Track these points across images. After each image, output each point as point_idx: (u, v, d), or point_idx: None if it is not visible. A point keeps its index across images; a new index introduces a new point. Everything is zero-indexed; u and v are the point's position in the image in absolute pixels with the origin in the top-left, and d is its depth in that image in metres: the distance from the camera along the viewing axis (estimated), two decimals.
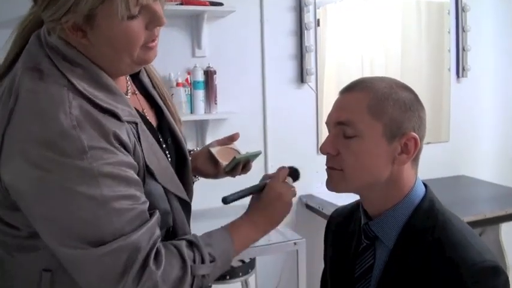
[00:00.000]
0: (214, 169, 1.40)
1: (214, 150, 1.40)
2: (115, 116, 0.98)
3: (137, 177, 0.99)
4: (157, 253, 0.96)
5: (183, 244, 1.01)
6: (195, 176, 1.43)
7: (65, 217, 0.91)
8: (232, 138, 1.42)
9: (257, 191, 1.21)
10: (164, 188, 1.08)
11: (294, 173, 1.25)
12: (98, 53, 1.00)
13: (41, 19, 1.00)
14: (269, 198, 1.18)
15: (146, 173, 1.03)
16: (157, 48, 1.07)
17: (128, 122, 1.01)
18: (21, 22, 1.07)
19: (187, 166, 1.27)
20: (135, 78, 1.22)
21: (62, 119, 0.89)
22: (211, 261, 1.03)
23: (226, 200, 1.19)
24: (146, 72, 1.26)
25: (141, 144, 1.03)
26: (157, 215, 1.00)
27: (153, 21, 1.00)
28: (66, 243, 0.92)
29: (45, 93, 0.93)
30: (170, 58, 2.75)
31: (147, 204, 0.99)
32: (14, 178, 0.93)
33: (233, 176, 1.40)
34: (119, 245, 0.91)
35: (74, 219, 0.91)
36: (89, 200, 0.90)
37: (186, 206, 1.18)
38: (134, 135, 1.02)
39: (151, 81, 1.27)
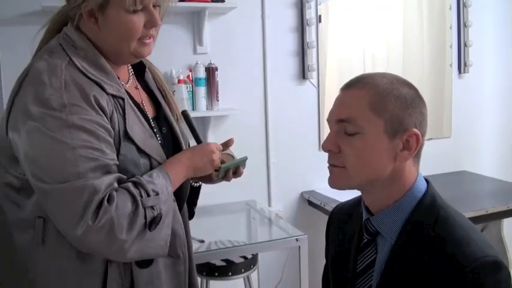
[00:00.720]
0: (209, 175, 1.48)
1: None
2: (100, 87, 1.19)
3: (109, 138, 1.17)
4: (110, 195, 1.12)
5: (129, 184, 1.16)
6: (197, 182, 1.56)
7: (40, 156, 1.10)
8: (227, 144, 1.52)
9: (196, 139, 1.45)
10: (146, 154, 1.25)
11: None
12: (103, 39, 1.23)
13: (64, 22, 1.27)
14: (198, 147, 1.38)
15: (124, 138, 1.21)
16: (152, 47, 1.29)
17: (114, 96, 1.22)
18: (51, 18, 1.31)
19: None
20: (141, 78, 1.44)
21: (52, 81, 1.12)
22: (156, 195, 1.17)
23: (184, 112, 1.48)
24: (152, 74, 1.48)
25: (124, 115, 1.23)
26: (119, 175, 1.17)
27: (150, 22, 1.24)
28: (38, 178, 1.10)
29: (47, 64, 1.15)
30: (172, 55, 2.75)
31: (114, 162, 1.16)
32: (16, 131, 1.14)
33: (228, 180, 1.50)
34: (80, 185, 1.08)
35: (47, 158, 1.10)
36: (61, 144, 1.09)
37: None
38: (117, 107, 1.22)
39: (156, 82, 1.47)
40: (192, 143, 1.48)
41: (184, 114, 1.48)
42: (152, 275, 1.25)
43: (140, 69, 1.43)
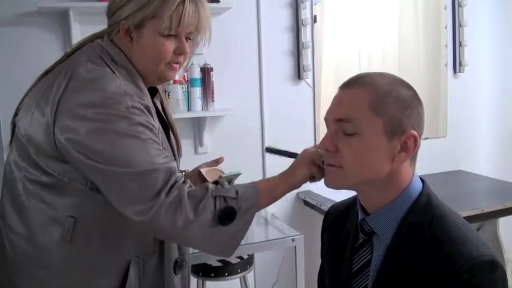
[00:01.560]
0: None
1: (203, 170, 1.56)
2: (148, 110, 1.25)
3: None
4: (185, 179, 1.21)
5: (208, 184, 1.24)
6: None
7: (114, 150, 1.16)
8: (217, 161, 1.58)
9: (292, 154, 1.40)
10: None
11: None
12: (136, 57, 1.30)
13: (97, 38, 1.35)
14: (297, 161, 1.34)
15: None
16: (176, 73, 1.38)
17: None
18: (89, 37, 1.38)
19: None
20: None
21: (113, 88, 1.19)
22: (231, 188, 1.23)
23: (267, 148, 1.50)
24: (160, 101, 1.51)
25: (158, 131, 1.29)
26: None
27: (179, 48, 1.30)
28: (117, 165, 1.15)
29: (100, 73, 1.21)
30: None
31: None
32: (71, 134, 1.16)
33: None
34: (156, 167, 1.16)
35: (122, 151, 1.16)
36: (133, 138, 1.17)
37: None
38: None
39: (163, 109, 1.51)
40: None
41: (269, 149, 1.52)
42: (166, 279, 1.35)
43: (152, 92, 1.44)
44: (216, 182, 1.29)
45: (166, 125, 1.47)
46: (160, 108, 1.47)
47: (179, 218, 1.14)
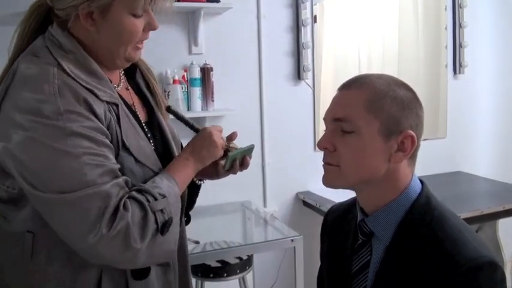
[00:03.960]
0: (214, 169, 1.43)
1: None
2: (94, 94, 1.12)
3: (108, 142, 1.11)
4: (125, 202, 1.08)
5: (133, 192, 1.11)
6: (201, 180, 1.50)
7: (44, 168, 1.04)
8: (230, 138, 1.45)
9: (192, 128, 1.41)
10: (141, 164, 1.20)
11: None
12: (100, 42, 1.16)
13: (45, 13, 1.18)
14: (201, 138, 1.32)
15: (121, 147, 1.16)
16: (141, 51, 1.25)
17: (108, 103, 1.15)
18: (24, 19, 1.21)
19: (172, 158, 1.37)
20: (132, 79, 1.37)
21: (45, 87, 1.05)
22: (163, 197, 1.13)
23: (169, 108, 1.38)
24: (142, 74, 1.41)
25: (119, 123, 1.17)
26: (126, 177, 1.13)
27: (149, 25, 1.19)
28: (44, 190, 1.03)
29: (35, 69, 1.08)
30: (167, 55, 2.75)
31: (117, 166, 1.11)
32: (5, 142, 1.06)
33: (234, 173, 1.45)
34: (92, 192, 1.03)
35: (52, 170, 1.03)
36: (64, 155, 1.03)
37: None
38: (112, 115, 1.16)
39: (147, 82, 1.41)
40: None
41: (169, 110, 1.39)
42: (146, 286, 1.22)
43: (131, 71, 1.36)
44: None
45: (149, 103, 1.38)
46: (143, 84, 1.39)
47: (127, 251, 1.05)
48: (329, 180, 1.12)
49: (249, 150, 1.44)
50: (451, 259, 0.98)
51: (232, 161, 1.40)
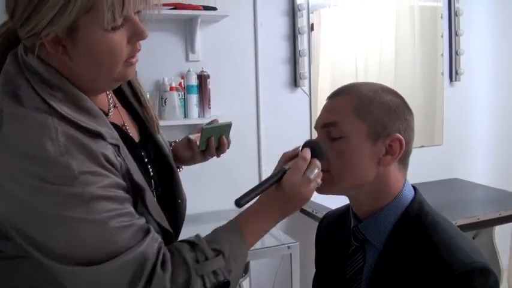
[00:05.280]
0: (191, 152, 1.38)
1: (192, 137, 1.39)
2: (100, 136, 0.95)
3: (128, 196, 0.97)
4: (164, 259, 0.95)
5: (184, 246, 0.99)
6: (178, 167, 1.40)
7: (68, 244, 0.89)
8: (211, 124, 1.38)
9: (273, 183, 1.07)
10: (150, 215, 1.05)
11: (316, 151, 1.08)
12: (78, 70, 0.96)
13: (15, 34, 0.96)
14: (287, 195, 1.07)
15: (135, 193, 1.01)
16: (136, 66, 1.03)
17: (111, 144, 0.98)
18: None
19: (175, 178, 1.27)
20: (117, 90, 1.19)
21: (48, 147, 0.87)
22: (216, 255, 0.99)
23: (239, 203, 1.01)
24: (129, 82, 1.23)
25: (126, 164, 1.01)
26: (149, 225, 0.99)
27: (136, 35, 0.96)
28: (68, 262, 0.89)
29: (28, 121, 0.89)
30: (164, 62, 2.75)
31: (144, 218, 0.98)
32: (9, 212, 0.90)
33: (212, 155, 1.38)
34: (128, 258, 0.90)
35: (79, 243, 0.89)
36: (89, 224, 0.88)
37: (167, 235, 1.10)
38: (118, 156, 1.00)
39: (134, 92, 1.23)
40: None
41: (239, 204, 1.03)
42: None
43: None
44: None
45: (137, 114, 1.22)
46: (129, 92, 1.22)
47: None
48: (321, 187, 1.13)
49: (226, 127, 1.34)
50: (444, 264, 0.98)
51: (207, 139, 1.32)
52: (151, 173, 1.16)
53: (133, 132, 1.16)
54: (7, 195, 0.89)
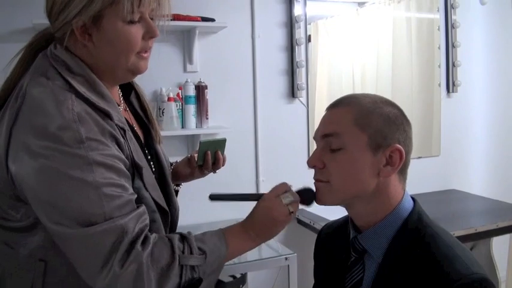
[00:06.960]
0: (189, 168, 1.48)
1: (193, 153, 1.51)
2: (109, 116, 1.09)
3: (126, 171, 1.08)
4: (146, 238, 1.03)
5: (175, 236, 1.08)
6: (178, 185, 1.53)
7: (60, 199, 1.00)
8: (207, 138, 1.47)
9: (249, 199, 1.21)
10: (148, 193, 1.16)
11: (304, 194, 1.16)
12: (99, 56, 1.12)
13: (46, 40, 1.16)
14: (259, 212, 1.18)
15: (135, 171, 1.13)
16: (148, 61, 1.19)
17: (117, 126, 1.12)
18: (28, 43, 1.19)
19: (166, 182, 1.34)
20: (127, 99, 1.34)
21: (64, 113, 1.00)
22: (200, 254, 1.07)
23: (212, 197, 1.23)
24: (137, 95, 1.37)
25: (130, 148, 1.13)
26: (143, 206, 1.08)
27: (149, 32, 1.14)
28: (60, 222, 1.00)
29: (51, 93, 1.04)
30: (162, 73, 2.76)
31: (135, 196, 1.08)
32: (19, 168, 1.02)
33: (209, 169, 1.49)
34: (108, 227, 0.99)
35: (69, 200, 0.99)
36: (83, 184, 0.99)
37: (165, 215, 1.23)
38: (123, 138, 1.12)
39: (140, 103, 1.37)
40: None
41: (213, 198, 1.25)
42: None
43: (127, 90, 1.34)
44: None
45: (143, 122, 1.35)
46: (137, 105, 1.36)
47: None
48: (320, 197, 1.13)
49: (221, 142, 1.45)
50: (443, 276, 0.98)
51: (204, 153, 1.42)
52: (153, 169, 1.27)
53: (140, 134, 1.29)
54: (22, 156, 1.01)
